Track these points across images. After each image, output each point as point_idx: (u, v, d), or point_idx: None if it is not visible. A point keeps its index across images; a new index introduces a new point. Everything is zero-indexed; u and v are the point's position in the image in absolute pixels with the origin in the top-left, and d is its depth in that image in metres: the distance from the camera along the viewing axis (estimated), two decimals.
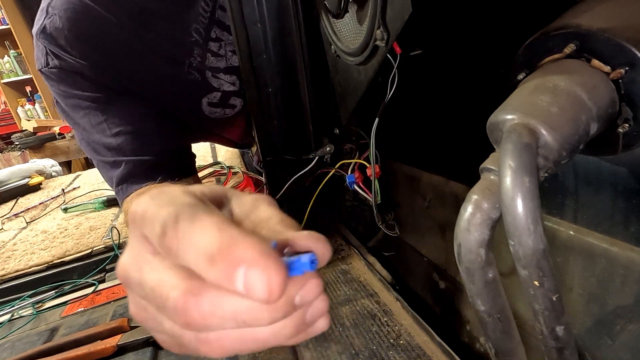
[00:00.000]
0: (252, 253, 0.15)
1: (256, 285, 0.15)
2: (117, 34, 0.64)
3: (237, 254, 0.15)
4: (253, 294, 0.15)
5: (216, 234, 0.16)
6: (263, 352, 0.54)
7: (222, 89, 0.79)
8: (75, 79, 0.63)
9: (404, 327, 0.54)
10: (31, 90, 3.60)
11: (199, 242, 0.15)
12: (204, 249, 0.15)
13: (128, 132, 0.65)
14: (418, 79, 0.61)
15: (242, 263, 0.15)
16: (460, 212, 0.26)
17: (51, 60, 0.62)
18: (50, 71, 0.62)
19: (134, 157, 0.65)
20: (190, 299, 0.16)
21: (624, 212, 0.33)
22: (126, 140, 0.64)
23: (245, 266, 0.15)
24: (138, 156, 0.65)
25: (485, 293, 0.26)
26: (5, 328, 0.72)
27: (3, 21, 3.23)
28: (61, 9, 0.60)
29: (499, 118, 0.26)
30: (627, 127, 0.26)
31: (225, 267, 0.15)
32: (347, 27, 0.55)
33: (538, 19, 0.30)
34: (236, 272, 0.15)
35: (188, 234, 0.16)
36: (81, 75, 0.63)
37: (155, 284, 0.17)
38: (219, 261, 0.15)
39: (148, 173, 0.65)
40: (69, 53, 0.61)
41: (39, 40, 0.62)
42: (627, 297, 0.34)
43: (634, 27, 0.25)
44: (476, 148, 0.31)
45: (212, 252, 0.15)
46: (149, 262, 0.18)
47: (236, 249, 0.15)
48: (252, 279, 0.15)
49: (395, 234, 0.77)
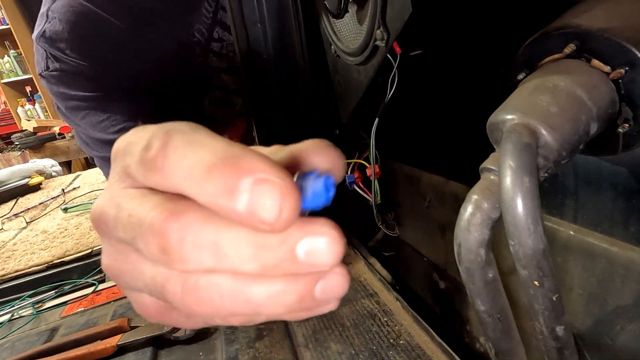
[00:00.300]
0: (262, 165, 0.12)
1: (264, 202, 0.12)
2: (117, 34, 0.64)
3: (242, 164, 0.12)
4: (257, 215, 0.12)
5: (218, 145, 0.13)
6: (263, 352, 0.54)
7: (223, 88, 0.80)
8: (76, 80, 0.63)
9: (404, 327, 0.54)
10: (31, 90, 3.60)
11: (194, 154, 0.13)
12: (200, 160, 0.13)
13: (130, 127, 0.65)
14: (418, 79, 0.61)
15: (249, 174, 0.12)
16: (460, 212, 0.26)
17: (51, 63, 0.62)
18: (51, 74, 0.63)
19: None
20: (169, 217, 0.13)
21: (624, 212, 0.33)
22: None
23: (253, 177, 0.12)
24: None
25: (485, 293, 0.26)
26: (5, 328, 0.72)
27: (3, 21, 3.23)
28: (61, 12, 0.61)
29: (499, 118, 0.26)
30: (627, 127, 0.26)
31: (227, 177, 0.12)
32: (347, 27, 0.55)
33: (538, 19, 0.30)
34: (240, 183, 0.12)
35: (180, 147, 0.13)
36: (81, 77, 0.63)
37: (133, 210, 0.14)
38: (219, 171, 0.12)
39: None
40: (69, 55, 0.61)
41: (39, 44, 0.62)
42: (627, 297, 0.34)
43: (634, 27, 0.25)
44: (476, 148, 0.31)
45: (211, 163, 0.12)
46: (128, 194, 0.15)
47: (242, 160, 0.12)
48: (260, 194, 0.12)
49: (395, 234, 0.77)
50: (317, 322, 0.59)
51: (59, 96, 0.65)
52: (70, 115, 0.66)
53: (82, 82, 0.63)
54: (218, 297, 0.14)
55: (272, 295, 0.14)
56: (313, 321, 0.59)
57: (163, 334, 0.58)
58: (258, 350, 0.55)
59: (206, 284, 0.14)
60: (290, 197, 0.12)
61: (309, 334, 0.56)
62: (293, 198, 0.12)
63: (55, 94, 0.65)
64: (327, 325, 0.57)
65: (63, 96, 0.64)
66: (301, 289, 0.14)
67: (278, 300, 0.14)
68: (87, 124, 0.65)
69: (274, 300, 0.14)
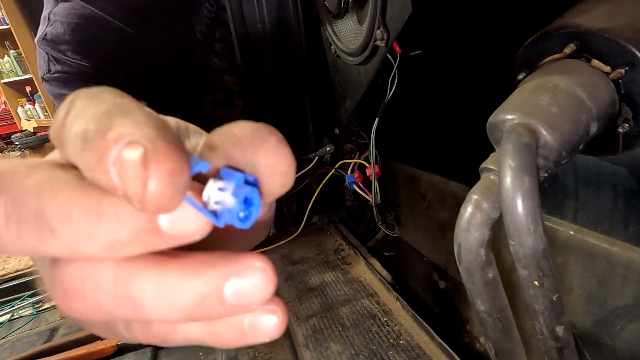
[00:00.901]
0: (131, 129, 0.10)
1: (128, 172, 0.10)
2: (119, 35, 0.64)
3: (113, 129, 0.10)
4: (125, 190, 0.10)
5: (100, 109, 0.11)
6: (263, 352, 0.54)
7: (224, 89, 0.80)
8: (77, 82, 0.63)
9: (404, 327, 0.54)
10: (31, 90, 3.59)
11: (80, 123, 0.11)
12: (81, 129, 0.11)
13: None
14: (418, 79, 0.61)
15: (117, 140, 0.10)
16: (460, 212, 0.26)
17: (53, 66, 0.62)
18: (52, 77, 0.63)
19: None
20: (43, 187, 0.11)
21: (624, 212, 0.33)
22: None
23: (120, 144, 0.10)
24: None
25: (485, 293, 0.26)
26: (5, 328, 0.72)
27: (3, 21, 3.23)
28: (62, 15, 0.61)
29: (499, 118, 0.26)
30: (627, 127, 0.26)
31: (97, 147, 0.10)
32: (347, 27, 0.55)
33: (538, 19, 0.30)
34: (108, 152, 0.10)
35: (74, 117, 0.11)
36: (82, 78, 0.63)
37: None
38: (91, 140, 0.10)
39: None
40: (71, 57, 0.62)
41: (41, 47, 0.62)
42: (627, 297, 0.34)
43: (634, 27, 0.25)
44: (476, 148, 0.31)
45: (88, 131, 0.10)
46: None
47: (114, 125, 0.10)
48: (125, 163, 0.10)
49: (395, 234, 0.77)
50: (317, 322, 0.59)
51: (59, 98, 0.65)
52: None
53: (83, 83, 0.63)
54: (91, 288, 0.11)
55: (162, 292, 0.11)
56: (313, 321, 0.59)
57: None
58: (258, 350, 0.55)
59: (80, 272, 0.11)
60: (160, 165, 0.10)
61: (309, 334, 0.56)
62: (164, 167, 0.10)
63: (56, 96, 0.65)
64: (327, 325, 0.57)
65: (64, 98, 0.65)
66: (204, 286, 0.11)
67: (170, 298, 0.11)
68: None
69: (164, 298, 0.11)
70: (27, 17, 3.20)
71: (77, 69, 0.62)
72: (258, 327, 0.12)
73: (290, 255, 0.81)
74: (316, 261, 0.77)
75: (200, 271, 0.11)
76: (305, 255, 0.80)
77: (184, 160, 0.10)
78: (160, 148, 0.10)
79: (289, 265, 0.77)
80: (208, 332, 0.13)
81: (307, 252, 0.81)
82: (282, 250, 0.83)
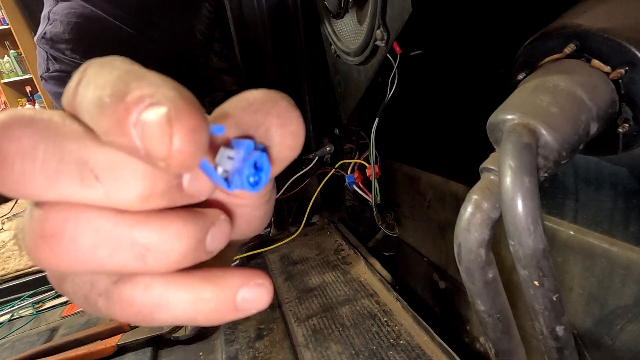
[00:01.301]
0: (152, 89, 0.10)
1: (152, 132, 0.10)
2: (118, 34, 0.64)
3: (132, 92, 0.10)
4: (149, 149, 0.10)
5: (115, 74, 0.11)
6: (263, 352, 0.54)
7: (224, 89, 0.80)
8: None
9: (404, 327, 0.54)
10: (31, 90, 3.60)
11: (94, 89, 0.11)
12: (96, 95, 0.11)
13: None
14: (418, 79, 0.61)
15: (137, 103, 0.10)
16: (460, 212, 0.26)
17: (52, 65, 0.62)
18: (51, 76, 0.63)
19: None
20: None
21: (624, 212, 0.33)
22: None
23: (141, 106, 0.10)
24: None
25: (485, 293, 0.26)
26: (5, 328, 0.72)
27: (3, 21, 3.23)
28: (62, 14, 0.61)
29: (499, 118, 0.26)
30: (627, 127, 0.26)
31: (116, 111, 0.10)
32: (347, 27, 0.55)
33: (538, 19, 0.30)
34: (129, 115, 0.10)
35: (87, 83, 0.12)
36: None
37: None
38: (109, 105, 0.10)
39: None
40: (70, 56, 0.62)
41: (40, 46, 0.62)
42: (627, 297, 0.34)
43: (634, 27, 0.25)
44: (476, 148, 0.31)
45: (104, 96, 0.11)
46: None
47: (132, 87, 0.10)
48: (147, 123, 0.10)
49: (395, 234, 0.77)
50: (317, 322, 0.59)
51: (58, 97, 0.65)
52: None
53: None
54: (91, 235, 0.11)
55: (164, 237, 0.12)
56: (313, 321, 0.59)
57: (163, 334, 0.58)
58: (258, 350, 0.55)
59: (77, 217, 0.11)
60: (183, 123, 0.10)
61: (309, 334, 0.56)
62: (188, 125, 0.10)
63: (55, 94, 0.65)
64: (327, 325, 0.57)
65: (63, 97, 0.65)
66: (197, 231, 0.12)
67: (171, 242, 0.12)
68: None
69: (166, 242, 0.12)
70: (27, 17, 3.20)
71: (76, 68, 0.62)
72: (249, 300, 0.13)
73: (290, 255, 0.81)
74: (316, 261, 0.77)
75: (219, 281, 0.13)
76: (305, 255, 0.80)
77: (204, 118, 0.11)
78: (181, 106, 0.10)
79: (289, 265, 0.77)
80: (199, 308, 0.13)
81: (307, 252, 0.81)
82: (282, 250, 0.83)
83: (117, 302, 0.13)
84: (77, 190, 0.11)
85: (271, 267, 0.78)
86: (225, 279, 0.13)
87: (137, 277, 0.13)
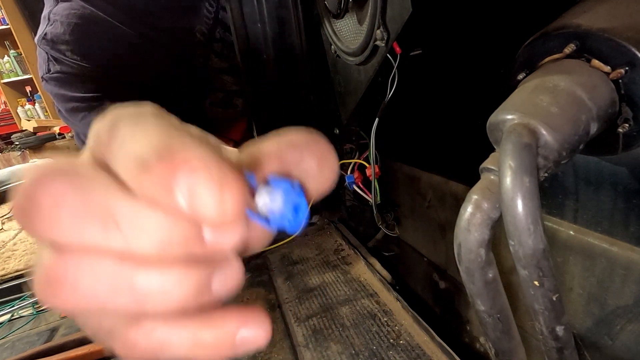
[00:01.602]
0: (198, 155, 0.11)
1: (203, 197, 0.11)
2: (118, 35, 0.64)
3: (178, 156, 0.11)
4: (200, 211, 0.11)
5: (155, 134, 0.12)
6: (263, 352, 0.54)
7: (224, 89, 0.80)
8: (76, 82, 0.63)
9: (404, 327, 0.54)
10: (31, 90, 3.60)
11: (133, 146, 0.12)
12: (137, 153, 0.12)
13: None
14: (418, 79, 0.61)
15: (184, 168, 0.11)
16: (460, 212, 0.26)
17: (52, 66, 0.62)
18: (52, 77, 0.63)
19: None
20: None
21: (624, 212, 0.33)
22: None
23: (188, 172, 0.11)
24: None
25: (485, 293, 0.26)
26: (5, 328, 0.72)
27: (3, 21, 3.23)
28: (62, 15, 0.61)
29: (499, 118, 0.26)
30: (627, 127, 0.26)
31: (162, 173, 0.11)
32: (347, 27, 0.55)
33: (538, 19, 0.30)
34: (176, 179, 0.11)
35: (122, 139, 0.12)
36: (81, 78, 0.63)
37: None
38: (154, 166, 0.11)
39: None
40: (70, 57, 0.62)
41: (40, 47, 0.62)
42: (627, 297, 0.34)
43: (634, 27, 0.25)
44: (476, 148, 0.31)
45: (147, 156, 0.11)
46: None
47: (178, 152, 0.11)
48: (198, 188, 0.11)
49: (395, 234, 0.77)
50: (317, 322, 0.59)
51: (59, 98, 0.65)
52: (69, 117, 0.66)
53: (81, 83, 0.63)
54: (91, 278, 0.12)
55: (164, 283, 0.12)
56: (313, 321, 0.59)
57: None
58: (258, 350, 0.55)
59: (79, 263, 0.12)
60: (231, 187, 0.11)
61: (309, 334, 0.56)
62: (235, 188, 0.11)
63: (56, 96, 0.65)
64: (327, 325, 0.57)
65: (63, 98, 0.65)
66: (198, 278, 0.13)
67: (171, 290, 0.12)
68: (86, 125, 0.66)
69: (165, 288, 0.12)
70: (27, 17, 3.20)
71: (77, 69, 0.62)
72: (248, 340, 0.14)
73: (290, 255, 0.81)
74: (316, 261, 0.77)
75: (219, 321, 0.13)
76: (305, 255, 0.80)
77: (244, 181, 0.12)
78: (227, 171, 0.11)
79: (289, 265, 0.77)
80: (200, 349, 0.13)
81: (307, 252, 0.81)
82: (282, 250, 0.83)
83: (122, 343, 0.13)
84: (98, 236, 0.12)
85: (271, 267, 0.78)
86: (225, 321, 0.13)
87: (140, 321, 0.13)
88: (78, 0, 0.62)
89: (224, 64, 0.78)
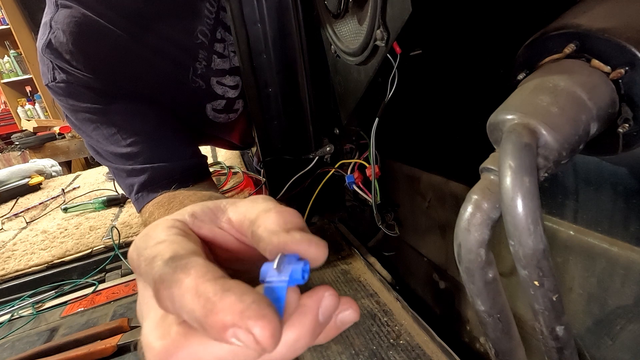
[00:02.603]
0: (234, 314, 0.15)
1: (249, 342, 0.15)
2: (119, 41, 0.64)
3: (220, 317, 0.15)
4: (252, 345, 0.15)
5: (196, 300, 0.16)
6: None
7: (226, 96, 0.80)
8: (83, 92, 0.63)
9: (404, 327, 0.54)
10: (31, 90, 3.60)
11: (185, 306, 0.16)
12: (191, 313, 0.16)
13: (141, 140, 0.65)
14: (418, 79, 0.61)
15: (228, 327, 0.15)
16: (460, 212, 0.26)
17: (58, 74, 0.62)
18: (58, 86, 0.62)
19: (149, 165, 0.65)
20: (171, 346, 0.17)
21: (624, 212, 0.33)
22: (141, 149, 0.65)
23: (232, 329, 0.15)
24: (153, 163, 0.65)
25: (485, 293, 0.26)
26: (5, 328, 0.72)
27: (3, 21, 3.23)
28: (64, 23, 0.60)
29: (499, 118, 0.26)
30: (627, 127, 0.26)
31: (215, 331, 0.16)
32: (347, 27, 0.55)
33: (538, 19, 0.30)
34: (227, 334, 0.15)
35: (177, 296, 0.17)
36: (88, 88, 0.63)
37: (146, 330, 0.19)
38: (207, 327, 0.16)
39: (164, 180, 0.65)
40: (75, 67, 0.61)
41: (45, 55, 0.62)
42: (627, 297, 0.34)
43: (634, 27, 0.25)
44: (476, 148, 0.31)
45: (199, 318, 0.16)
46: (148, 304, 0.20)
47: (219, 313, 0.16)
48: (245, 338, 0.15)
49: (395, 234, 0.77)
50: None
51: (68, 108, 0.65)
52: (82, 127, 0.66)
53: (88, 94, 0.63)
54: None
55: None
56: None
57: None
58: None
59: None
60: (266, 329, 0.15)
61: None
62: (269, 328, 0.15)
63: (65, 106, 0.65)
64: None
65: (73, 108, 0.64)
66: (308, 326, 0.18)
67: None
68: (99, 137, 0.65)
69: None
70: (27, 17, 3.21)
71: (81, 79, 0.62)
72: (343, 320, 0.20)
73: None
74: None
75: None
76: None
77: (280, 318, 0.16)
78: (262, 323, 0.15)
79: None
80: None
81: None
82: None
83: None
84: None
85: None
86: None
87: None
88: (78, 7, 0.61)
89: (225, 65, 0.78)
